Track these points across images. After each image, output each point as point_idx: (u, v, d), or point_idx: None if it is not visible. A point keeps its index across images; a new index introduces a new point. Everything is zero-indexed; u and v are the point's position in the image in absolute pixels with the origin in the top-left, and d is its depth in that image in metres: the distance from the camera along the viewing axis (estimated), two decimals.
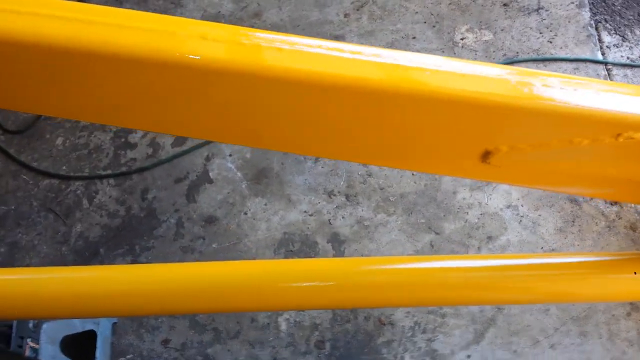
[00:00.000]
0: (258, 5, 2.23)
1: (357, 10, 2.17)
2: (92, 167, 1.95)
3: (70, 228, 1.86)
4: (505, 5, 2.10)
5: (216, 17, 2.21)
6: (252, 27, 2.15)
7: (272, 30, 2.36)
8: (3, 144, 2.02)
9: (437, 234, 1.75)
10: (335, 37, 2.12)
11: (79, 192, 1.92)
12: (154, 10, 2.26)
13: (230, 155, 1.94)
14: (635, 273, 0.93)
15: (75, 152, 1.99)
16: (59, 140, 2.01)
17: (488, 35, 2.05)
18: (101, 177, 1.93)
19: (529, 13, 2.07)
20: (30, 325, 1.44)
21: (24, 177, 1.96)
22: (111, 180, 1.93)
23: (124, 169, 1.94)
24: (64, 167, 1.96)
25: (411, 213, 1.78)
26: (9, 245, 1.84)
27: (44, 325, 1.47)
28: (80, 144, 2.00)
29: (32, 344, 1.42)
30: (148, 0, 2.30)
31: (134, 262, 1.79)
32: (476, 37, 2.05)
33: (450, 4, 2.13)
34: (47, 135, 2.03)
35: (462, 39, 2.05)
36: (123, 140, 2.00)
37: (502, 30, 2.05)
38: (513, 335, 1.61)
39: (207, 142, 1.96)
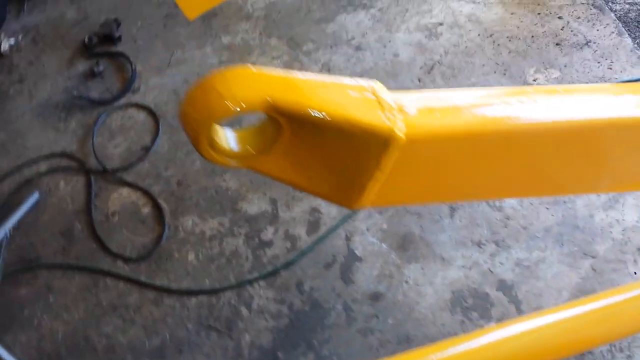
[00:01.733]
0: None
1: (428, 73, 2.33)
2: (237, 274, 1.92)
3: (238, 341, 1.80)
4: (558, 44, 2.35)
5: None
6: None
7: None
8: (130, 274, 1.94)
9: (593, 257, 1.87)
10: None
11: (232, 301, 1.87)
12: None
13: (367, 229, 1.98)
14: None
15: (212, 264, 1.95)
16: (191, 256, 1.97)
17: (555, 73, 2.27)
18: (250, 282, 1.90)
19: (581, 47, 2.32)
20: None
21: (167, 301, 1.89)
22: (261, 282, 1.90)
23: (269, 267, 1.92)
24: (207, 281, 1.91)
25: (562, 244, 1.89)
26: None
27: None
28: (214, 254, 1.96)
29: None
30: None
31: (316, 359, 1.76)
32: (546, 76, 2.26)
33: (510, 52, 2.35)
34: (176, 255, 1.98)
35: (534, 80, 2.26)
36: (257, 240, 1.98)
37: (565, 66, 2.28)
38: None
39: (342, 223, 1.99)
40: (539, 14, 2.45)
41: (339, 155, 0.66)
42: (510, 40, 2.38)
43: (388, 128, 0.60)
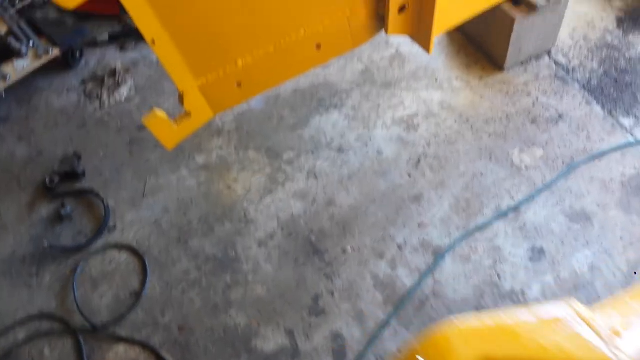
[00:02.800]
0: (324, 194, 2.25)
1: (416, 167, 2.30)
2: None
3: None
4: (533, 122, 2.39)
5: (292, 219, 2.18)
6: (332, 215, 2.17)
7: (352, 210, 2.38)
8: None
9: None
10: (414, 197, 2.20)
11: None
12: (227, 234, 2.16)
13: (399, 350, 1.86)
14: None
15: None
16: None
17: (539, 151, 2.29)
18: None
19: (556, 122, 2.38)
20: None
21: None
22: None
23: None
24: None
25: None
26: None
27: None
28: None
29: None
30: (215, 228, 2.19)
31: None
32: (531, 156, 2.28)
33: (489, 135, 2.37)
34: None
35: (521, 162, 2.27)
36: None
37: (546, 143, 2.31)
38: None
39: (370, 347, 1.86)
40: (507, 93, 2.51)
41: None
42: (487, 124, 2.41)
43: None
